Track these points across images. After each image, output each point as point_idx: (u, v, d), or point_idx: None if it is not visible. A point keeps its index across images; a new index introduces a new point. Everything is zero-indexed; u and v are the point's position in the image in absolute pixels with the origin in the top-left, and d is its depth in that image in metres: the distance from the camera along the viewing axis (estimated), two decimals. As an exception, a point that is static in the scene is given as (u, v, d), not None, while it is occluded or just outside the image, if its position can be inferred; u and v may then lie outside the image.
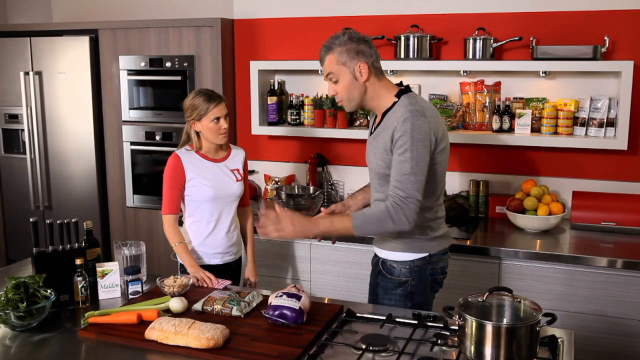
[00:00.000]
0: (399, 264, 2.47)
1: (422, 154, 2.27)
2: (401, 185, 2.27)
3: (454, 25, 3.67)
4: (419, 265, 2.46)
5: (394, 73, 3.76)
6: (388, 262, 2.51)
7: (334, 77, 2.42)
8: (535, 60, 3.44)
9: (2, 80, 4.65)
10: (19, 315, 2.20)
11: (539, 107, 3.56)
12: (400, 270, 2.47)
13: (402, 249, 2.46)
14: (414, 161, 2.26)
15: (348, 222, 2.31)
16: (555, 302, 3.08)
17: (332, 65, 2.40)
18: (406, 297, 2.48)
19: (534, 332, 1.88)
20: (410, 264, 2.46)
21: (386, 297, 2.53)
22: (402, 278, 2.47)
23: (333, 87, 2.44)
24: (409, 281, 2.47)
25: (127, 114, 4.38)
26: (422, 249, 2.46)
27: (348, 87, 2.41)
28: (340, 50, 2.38)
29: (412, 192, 2.26)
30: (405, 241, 2.45)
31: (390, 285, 2.51)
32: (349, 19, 3.86)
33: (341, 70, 2.39)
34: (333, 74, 2.41)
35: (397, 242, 2.47)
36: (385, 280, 2.53)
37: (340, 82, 2.41)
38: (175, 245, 2.85)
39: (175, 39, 4.17)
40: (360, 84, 2.40)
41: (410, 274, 2.46)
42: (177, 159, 2.87)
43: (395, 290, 2.50)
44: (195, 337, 2.05)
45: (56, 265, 2.45)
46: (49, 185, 4.65)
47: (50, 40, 4.45)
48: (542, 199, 3.39)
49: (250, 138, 4.26)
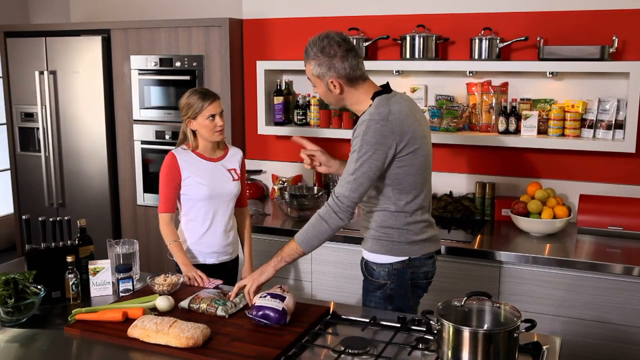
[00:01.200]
0: (378, 266, 2.45)
1: (369, 157, 2.27)
2: (338, 184, 2.33)
3: (460, 25, 3.63)
4: (398, 268, 2.42)
5: (400, 73, 3.73)
6: (369, 263, 2.49)
7: (313, 84, 2.47)
8: (541, 60, 3.37)
9: (18, 80, 4.74)
10: (7, 310, 2.23)
11: (546, 109, 3.49)
12: (380, 272, 2.45)
13: (380, 251, 2.44)
14: (359, 162, 2.28)
15: (292, 242, 2.36)
16: (557, 307, 3.02)
17: (310, 76, 2.44)
18: (385, 300, 2.46)
19: (512, 338, 1.84)
20: (388, 266, 2.43)
21: (367, 299, 2.53)
22: (381, 280, 2.45)
23: (315, 89, 2.50)
24: (387, 284, 2.44)
25: (138, 113, 4.42)
26: (401, 252, 2.42)
27: (324, 95, 2.46)
28: (314, 63, 2.38)
29: (343, 191, 2.30)
30: (384, 243, 2.43)
31: (371, 287, 2.51)
32: (356, 18, 3.84)
33: (316, 81, 2.43)
34: (311, 82, 2.47)
35: (376, 244, 2.45)
36: (366, 282, 2.52)
37: (317, 88, 2.46)
38: (169, 243, 2.87)
39: (185, 38, 4.20)
40: (335, 95, 2.42)
41: (388, 277, 2.44)
42: (172, 158, 2.89)
43: (375, 292, 2.49)
44: (175, 335, 2.06)
45: (49, 262, 2.48)
46: (63, 183, 4.73)
47: (64, 40, 4.52)
48: (546, 202, 3.33)
49: (259, 138, 4.27)
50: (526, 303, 3.05)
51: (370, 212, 2.46)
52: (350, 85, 2.38)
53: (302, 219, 3.64)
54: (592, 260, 2.94)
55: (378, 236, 2.43)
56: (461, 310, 1.96)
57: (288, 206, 3.68)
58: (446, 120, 3.64)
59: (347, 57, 2.34)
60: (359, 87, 2.40)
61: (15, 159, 4.90)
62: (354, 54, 2.36)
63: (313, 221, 2.35)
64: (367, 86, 2.42)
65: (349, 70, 2.35)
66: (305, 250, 2.36)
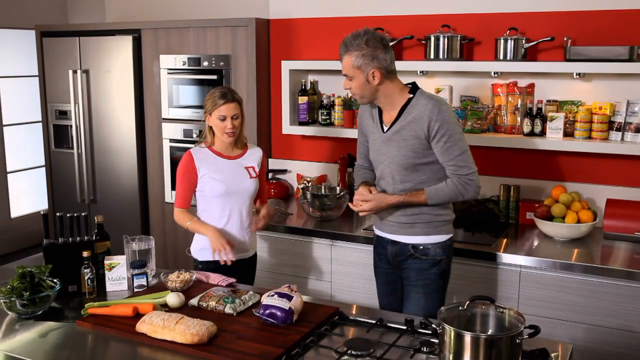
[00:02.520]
0: (433, 245, 2.68)
1: (461, 133, 2.60)
2: (461, 163, 2.56)
3: (486, 25, 3.57)
4: (449, 244, 2.73)
5: (424, 74, 3.69)
6: (422, 245, 2.68)
7: (349, 77, 2.61)
8: (568, 61, 3.30)
9: (53, 78, 4.87)
10: (22, 303, 2.29)
11: (573, 111, 3.42)
12: (436, 250, 2.68)
13: (434, 232, 2.68)
14: (462, 141, 2.57)
15: (422, 194, 2.61)
16: (577, 314, 2.95)
17: (348, 68, 2.59)
18: (440, 275, 2.70)
19: (514, 343, 1.81)
20: (442, 244, 2.69)
21: (420, 278, 2.70)
22: (437, 257, 2.68)
23: (348, 83, 2.63)
24: (443, 259, 2.69)
25: (167, 112, 4.49)
26: (450, 230, 2.74)
27: (361, 87, 2.60)
28: (356, 54, 2.54)
29: (472, 166, 2.59)
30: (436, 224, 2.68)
31: (425, 265, 2.69)
32: (381, 18, 3.82)
33: (355, 72, 2.57)
34: (348, 75, 2.61)
35: (429, 227, 2.67)
36: (418, 262, 2.69)
37: (354, 81, 2.60)
38: (187, 224, 2.92)
39: (213, 38, 4.25)
40: (372, 86, 2.59)
41: (443, 252, 2.69)
42: (189, 156, 2.93)
43: (430, 269, 2.69)
44: (181, 332, 2.08)
45: (66, 256, 2.54)
46: (94, 180, 4.83)
47: (97, 39, 4.62)
48: (571, 206, 3.25)
49: (284, 137, 4.29)
50: (546, 309, 2.99)
51: None
52: (387, 77, 2.58)
53: (324, 219, 3.65)
54: (616, 267, 2.86)
55: (430, 219, 2.66)
56: (465, 315, 1.93)
57: (310, 206, 3.68)
58: (470, 121, 3.59)
59: (388, 51, 2.55)
60: (394, 80, 2.61)
61: (49, 155, 5.03)
62: (391, 50, 2.59)
63: (448, 190, 2.59)
64: (399, 82, 2.64)
65: (389, 63, 2.56)
66: (430, 203, 2.62)
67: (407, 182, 2.64)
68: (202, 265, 3.01)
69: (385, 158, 2.66)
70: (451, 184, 2.59)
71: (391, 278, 2.85)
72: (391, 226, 2.73)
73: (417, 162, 2.60)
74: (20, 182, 6.22)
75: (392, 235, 2.75)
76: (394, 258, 2.77)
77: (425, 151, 2.58)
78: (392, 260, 2.78)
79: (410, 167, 2.61)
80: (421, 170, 2.62)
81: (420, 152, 2.58)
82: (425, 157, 2.59)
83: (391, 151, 2.64)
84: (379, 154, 2.71)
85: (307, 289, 3.57)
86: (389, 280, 2.87)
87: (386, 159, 2.66)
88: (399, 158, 2.61)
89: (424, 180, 2.63)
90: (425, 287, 2.68)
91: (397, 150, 2.61)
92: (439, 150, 2.56)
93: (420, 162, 2.60)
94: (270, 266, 3.68)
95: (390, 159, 2.64)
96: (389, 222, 2.74)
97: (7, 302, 2.29)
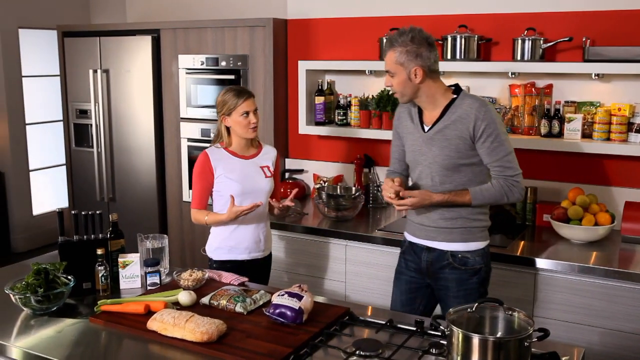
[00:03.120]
0: (472, 253, 2.62)
1: (507, 134, 2.57)
2: (507, 164, 2.53)
3: (503, 25, 3.54)
4: (487, 251, 2.68)
5: (441, 74, 3.66)
6: (461, 253, 2.62)
7: (391, 73, 2.57)
8: (587, 62, 3.26)
9: (74, 78, 4.93)
10: (37, 299, 2.33)
11: (592, 112, 3.37)
12: (475, 259, 2.62)
13: (473, 239, 2.62)
14: (507, 142, 2.54)
15: (467, 195, 2.55)
16: (593, 317, 2.91)
17: (391, 64, 2.55)
18: (480, 284, 2.65)
19: (522, 346, 1.79)
20: (481, 251, 2.64)
21: (461, 289, 2.63)
22: (477, 266, 2.63)
23: (389, 80, 2.59)
24: (482, 268, 2.64)
25: (185, 112, 4.52)
26: (486, 236, 2.68)
27: (402, 85, 2.56)
28: (400, 50, 2.51)
29: (518, 168, 2.56)
30: (475, 230, 2.62)
31: (465, 275, 2.63)
32: (398, 19, 3.81)
33: (398, 69, 2.53)
34: (390, 71, 2.57)
35: (467, 233, 2.61)
36: (457, 273, 2.62)
37: (395, 78, 2.56)
38: (205, 219, 2.94)
39: (231, 38, 4.27)
40: (414, 84, 2.55)
41: (482, 261, 2.64)
42: (205, 156, 2.95)
43: (470, 279, 2.63)
44: (190, 330, 2.09)
45: (81, 254, 2.57)
46: (113, 178, 4.88)
47: (117, 39, 4.67)
48: (588, 209, 3.21)
49: (301, 137, 4.30)
50: (562, 312, 2.96)
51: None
52: (429, 76, 2.55)
53: (339, 219, 3.65)
54: (635, 271, 2.82)
55: (469, 224, 2.60)
56: (474, 317, 1.92)
57: (325, 206, 3.68)
58: (487, 122, 3.56)
59: (432, 50, 2.54)
60: (437, 80, 2.59)
61: (70, 154, 5.09)
62: (436, 50, 2.57)
63: (494, 190, 2.55)
64: (441, 83, 2.62)
65: (433, 62, 2.54)
66: (474, 204, 2.57)
67: (447, 184, 2.59)
68: (217, 265, 3.03)
69: (426, 158, 2.61)
70: (497, 185, 2.54)
71: (414, 287, 2.76)
72: (428, 231, 2.66)
73: (459, 162, 2.55)
74: (42, 180, 6.33)
75: (428, 241, 2.67)
76: (429, 266, 2.68)
77: (469, 152, 2.54)
78: (427, 269, 2.69)
79: (452, 168, 2.57)
80: (462, 172, 2.57)
81: (463, 152, 2.54)
82: (468, 158, 2.55)
83: (433, 151, 2.58)
84: (418, 154, 2.65)
85: (322, 289, 3.57)
86: (410, 289, 2.77)
87: (426, 159, 2.61)
88: (440, 158, 2.56)
89: (464, 183, 2.58)
90: (467, 298, 2.57)
91: (440, 149, 2.56)
92: (485, 150, 2.52)
93: (463, 163, 2.55)
94: (285, 266, 3.68)
95: (431, 159, 2.59)
96: (426, 227, 2.66)
97: (22, 298, 2.32)
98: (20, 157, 6.01)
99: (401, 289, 2.81)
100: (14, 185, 5.95)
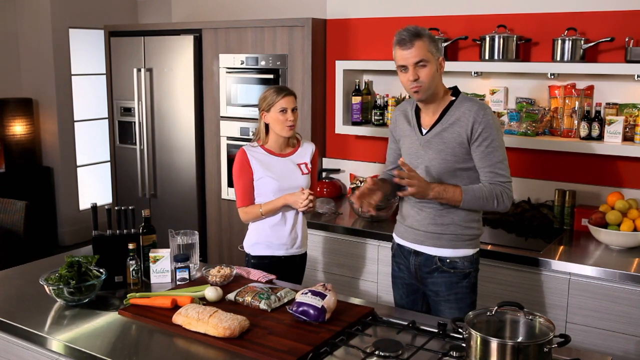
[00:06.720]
0: (461, 258, 2.57)
1: (503, 141, 2.52)
2: (500, 171, 2.47)
3: (543, 25, 3.48)
4: (477, 256, 2.63)
5: (479, 75, 3.62)
6: (450, 258, 2.57)
7: (423, 63, 2.45)
8: (629, 62, 3.17)
9: (119, 76, 5.05)
10: (70, 291, 2.40)
11: (634, 114, 3.28)
12: (464, 263, 2.57)
13: (462, 246, 2.57)
14: (502, 149, 2.49)
15: (459, 194, 2.47)
16: (629, 326, 2.83)
17: (424, 52, 2.44)
18: (470, 289, 2.60)
19: (542, 352, 1.75)
20: (470, 257, 2.59)
21: (451, 292, 2.59)
22: (466, 270, 2.58)
23: (416, 72, 2.45)
24: (471, 272, 2.59)
25: (225, 110, 4.58)
26: (478, 243, 2.63)
27: (431, 76, 2.47)
28: (429, 40, 2.47)
29: (509, 176, 2.51)
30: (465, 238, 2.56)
31: (455, 278, 2.58)
32: (436, 18, 3.78)
33: (430, 57, 2.46)
34: (423, 60, 2.45)
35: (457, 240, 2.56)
36: (447, 276, 2.57)
37: (427, 68, 2.45)
38: (260, 211, 2.96)
39: (270, 38, 4.31)
40: (439, 77, 2.52)
41: (471, 265, 2.59)
42: (243, 154, 2.99)
43: (461, 282, 2.58)
44: (213, 325, 2.12)
45: (113, 248, 2.64)
46: (155, 175, 4.98)
47: (160, 39, 4.76)
48: (627, 214, 3.12)
49: (338, 137, 4.30)
50: (596, 319, 2.89)
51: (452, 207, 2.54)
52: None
53: (373, 219, 3.64)
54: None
55: (460, 232, 2.55)
56: (494, 321, 1.89)
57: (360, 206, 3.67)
58: (525, 123, 3.50)
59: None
60: (440, 79, 2.56)
61: (114, 151, 5.22)
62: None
63: (487, 195, 2.46)
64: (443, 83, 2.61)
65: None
66: (463, 207, 2.51)
67: None
68: (255, 260, 3.05)
69: (422, 162, 2.54)
70: (489, 187, 2.47)
71: (411, 289, 2.72)
72: (416, 235, 2.60)
73: (456, 166, 2.49)
74: (89, 176, 6.50)
75: (415, 245, 2.62)
76: (417, 270, 2.63)
77: (465, 156, 2.48)
78: (415, 273, 2.65)
79: (449, 172, 2.50)
80: (459, 176, 2.51)
81: (460, 156, 2.48)
82: (465, 163, 2.49)
83: (429, 154, 2.53)
84: (415, 157, 2.58)
85: (355, 289, 3.58)
86: (409, 292, 2.73)
87: (423, 163, 2.54)
88: (437, 161, 2.51)
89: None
90: (459, 302, 2.56)
91: (436, 153, 2.51)
92: (479, 154, 2.46)
93: (459, 167, 2.49)
94: (319, 265, 3.70)
95: (427, 162, 2.53)
96: (415, 231, 2.61)
97: (55, 289, 2.40)
98: (69, 154, 6.19)
99: (400, 293, 2.78)
100: (62, 180, 6.14)
